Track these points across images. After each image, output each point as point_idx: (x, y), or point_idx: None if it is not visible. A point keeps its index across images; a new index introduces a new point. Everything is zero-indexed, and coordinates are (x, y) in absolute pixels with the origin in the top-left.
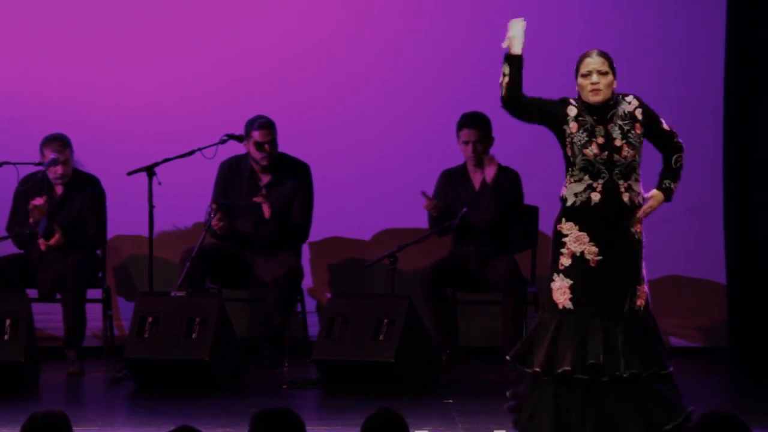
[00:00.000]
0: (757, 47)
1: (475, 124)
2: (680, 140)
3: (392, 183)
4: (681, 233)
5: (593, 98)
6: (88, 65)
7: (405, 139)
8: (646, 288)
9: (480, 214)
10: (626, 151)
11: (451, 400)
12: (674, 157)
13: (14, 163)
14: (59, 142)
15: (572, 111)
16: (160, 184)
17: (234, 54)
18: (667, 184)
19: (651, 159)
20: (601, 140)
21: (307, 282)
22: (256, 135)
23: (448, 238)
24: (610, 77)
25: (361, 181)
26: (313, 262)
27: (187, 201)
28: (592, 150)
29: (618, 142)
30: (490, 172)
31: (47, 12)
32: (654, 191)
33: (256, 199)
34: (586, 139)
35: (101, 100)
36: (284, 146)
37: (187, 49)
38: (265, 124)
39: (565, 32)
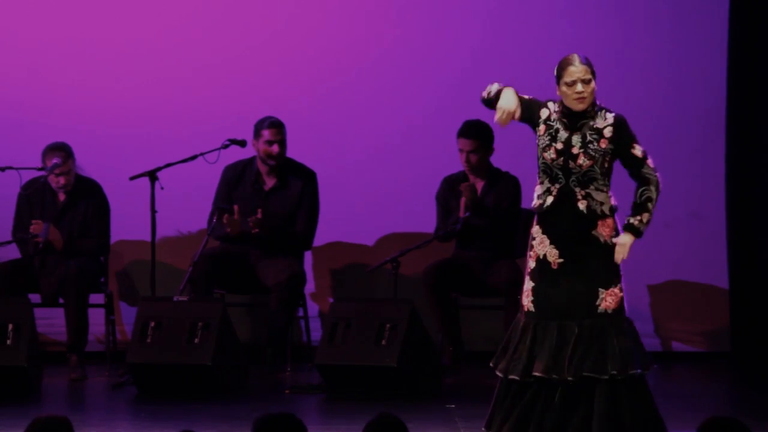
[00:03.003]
0: (759, 52)
1: (471, 134)
2: (654, 172)
3: (394, 188)
4: (683, 238)
5: (578, 106)
6: (90, 70)
7: (408, 144)
8: (616, 290)
9: (479, 221)
10: (582, 160)
11: (453, 405)
12: (640, 190)
13: (17, 168)
14: (61, 152)
15: (545, 113)
16: (162, 188)
17: (236, 58)
18: (632, 222)
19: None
20: (560, 146)
21: (309, 287)
22: (267, 134)
23: (450, 243)
24: (593, 84)
25: (364, 186)
26: (316, 267)
27: (190, 206)
28: (550, 154)
29: (575, 150)
30: (479, 186)
31: (50, 18)
32: (620, 237)
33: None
34: (547, 142)
35: (104, 105)
36: (288, 151)
37: (189, 54)
38: (276, 123)
39: (565, 33)
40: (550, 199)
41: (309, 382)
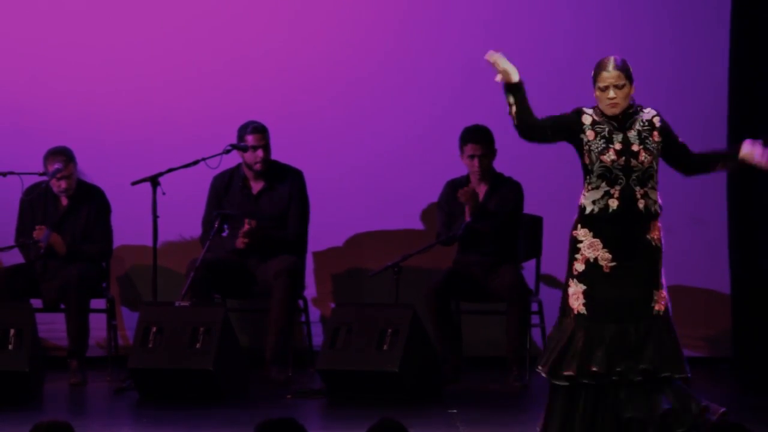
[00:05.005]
0: (761, 55)
1: (480, 139)
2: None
3: (397, 193)
4: (684, 243)
5: (611, 111)
6: (92, 76)
7: (410, 149)
8: (664, 293)
9: (482, 225)
10: (643, 156)
11: (455, 410)
12: (709, 151)
13: (18, 173)
14: (62, 156)
15: (587, 119)
16: (164, 194)
17: (237, 63)
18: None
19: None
20: (618, 146)
21: (311, 292)
22: (250, 139)
23: (452, 248)
24: (627, 88)
25: (366, 190)
26: (317, 272)
27: (191, 211)
28: (610, 156)
29: (635, 147)
30: (481, 191)
31: (52, 23)
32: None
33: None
34: (603, 145)
35: (105, 111)
36: (289, 156)
37: (191, 59)
38: (259, 128)
39: (566, 38)
40: (614, 203)
41: (310, 387)
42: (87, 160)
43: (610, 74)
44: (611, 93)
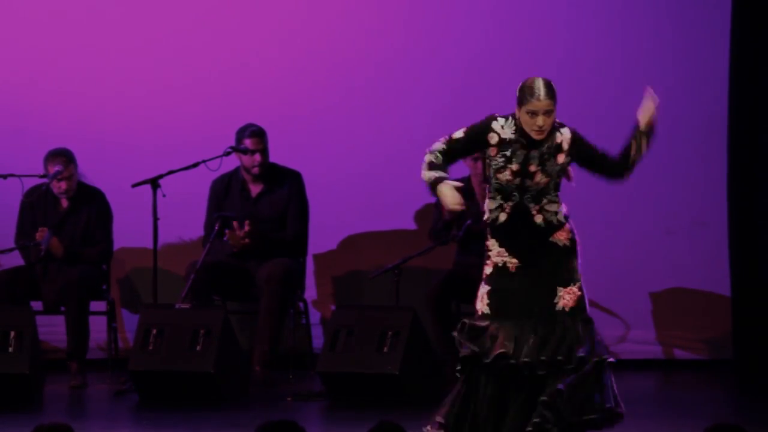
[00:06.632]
0: (762, 58)
1: None
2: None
3: (397, 195)
4: (685, 245)
5: (537, 137)
6: (92, 78)
7: (411, 152)
8: (575, 289)
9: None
10: (539, 178)
11: None
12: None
13: (19, 176)
14: (63, 158)
15: (494, 138)
16: (164, 196)
17: (238, 66)
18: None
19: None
20: (515, 167)
21: (311, 294)
22: (248, 143)
23: (453, 250)
24: (553, 114)
25: (366, 193)
26: (317, 275)
27: (192, 213)
28: (505, 176)
29: (533, 168)
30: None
31: (52, 26)
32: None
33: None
34: (501, 164)
35: (105, 113)
36: (290, 159)
37: (191, 62)
38: (257, 132)
39: (566, 41)
40: (503, 216)
41: (311, 389)
42: (87, 161)
43: (541, 103)
44: (540, 121)
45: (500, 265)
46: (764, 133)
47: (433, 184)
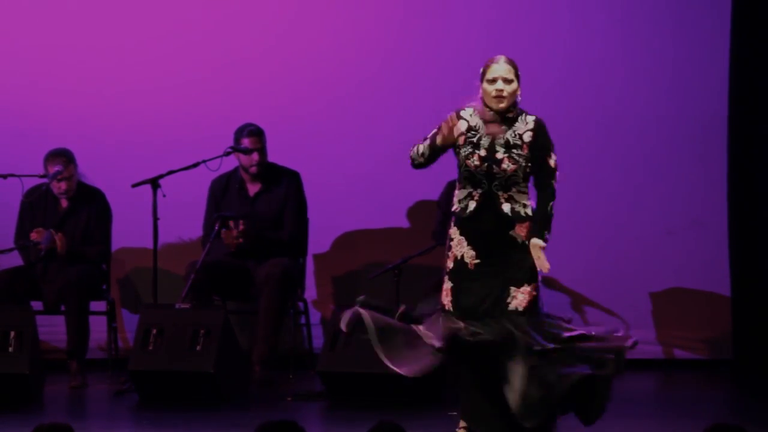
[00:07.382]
0: (761, 58)
1: None
2: (556, 188)
3: (397, 195)
4: (685, 245)
5: (497, 105)
6: (92, 78)
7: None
8: (529, 289)
9: None
10: (506, 165)
11: (454, 413)
12: (548, 203)
13: (19, 176)
14: (63, 158)
15: (464, 126)
16: (164, 196)
17: (238, 66)
18: (545, 236)
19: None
20: (483, 152)
21: (311, 294)
22: (246, 142)
23: None
24: (514, 85)
25: (366, 193)
26: (318, 274)
27: (192, 213)
28: (474, 162)
29: (500, 155)
30: None
31: (51, 25)
32: (536, 240)
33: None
34: (470, 150)
35: (105, 113)
36: (290, 159)
37: (191, 62)
38: (254, 132)
39: (567, 41)
40: (472, 204)
41: (311, 389)
42: (87, 162)
43: (500, 66)
44: (499, 84)
45: (459, 258)
46: (764, 132)
47: (430, 143)
